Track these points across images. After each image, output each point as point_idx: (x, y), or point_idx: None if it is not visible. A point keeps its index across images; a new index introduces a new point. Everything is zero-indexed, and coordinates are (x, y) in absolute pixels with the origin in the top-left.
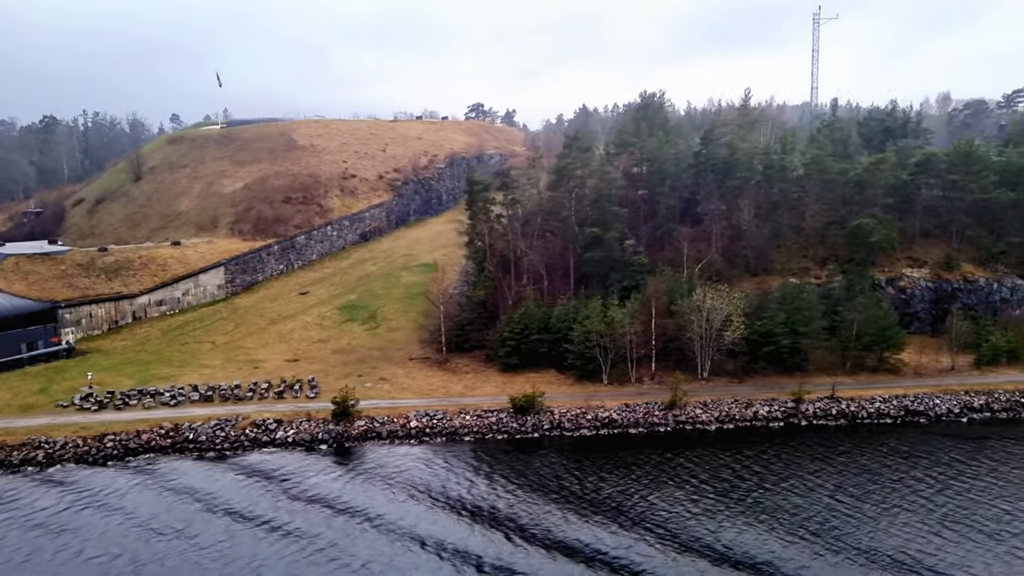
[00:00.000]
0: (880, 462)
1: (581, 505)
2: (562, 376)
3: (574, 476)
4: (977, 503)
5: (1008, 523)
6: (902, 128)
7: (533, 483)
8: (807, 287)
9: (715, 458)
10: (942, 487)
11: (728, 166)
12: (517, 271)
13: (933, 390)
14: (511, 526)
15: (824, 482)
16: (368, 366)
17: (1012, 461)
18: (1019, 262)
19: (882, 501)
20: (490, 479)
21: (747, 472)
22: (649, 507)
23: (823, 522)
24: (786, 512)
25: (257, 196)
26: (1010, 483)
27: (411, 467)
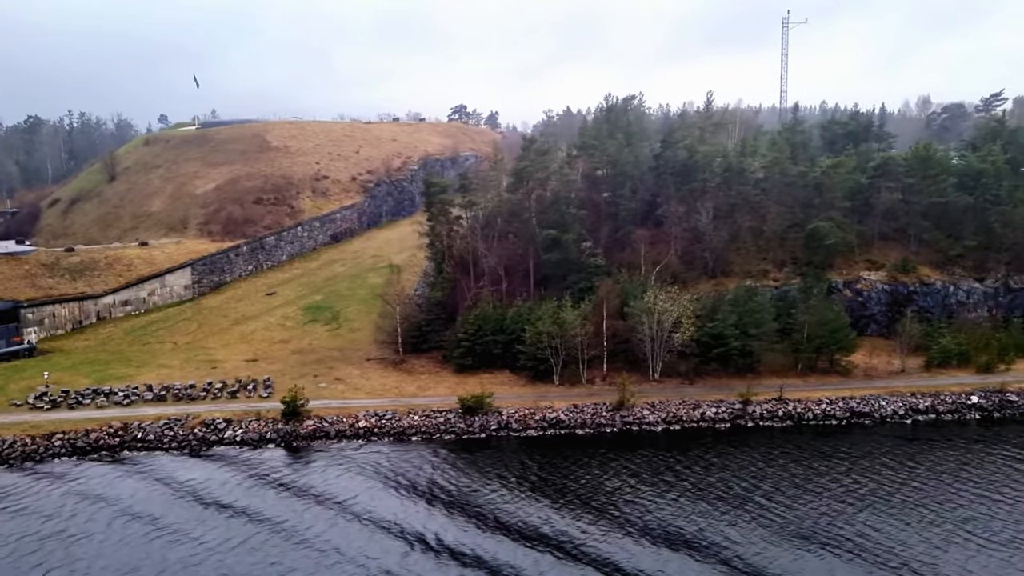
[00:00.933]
0: (820, 463)
1: (514, 503)
2: (515, 377)
3: (513, 475)
4: (903, 504)
5: (922, 523)
6: (865, 132)
7: (470, 482)
8: (760, 290)
9: (656, 459)
10: (875, 486)
11: (688, 169)
12: (476, 272)
13: (880, 392)
14: (440, 523)
15: (759, 484)
16: (326, 366)
17: (946, 463)
18: (976, 265)
19: (812, 501)
20: (428, 478)
21: (686, 472)
22: (582, 505)
23: (745, 523)
24: (713, 513)
25: (228, 197)
26: (941, 484)
27: (353, 466)
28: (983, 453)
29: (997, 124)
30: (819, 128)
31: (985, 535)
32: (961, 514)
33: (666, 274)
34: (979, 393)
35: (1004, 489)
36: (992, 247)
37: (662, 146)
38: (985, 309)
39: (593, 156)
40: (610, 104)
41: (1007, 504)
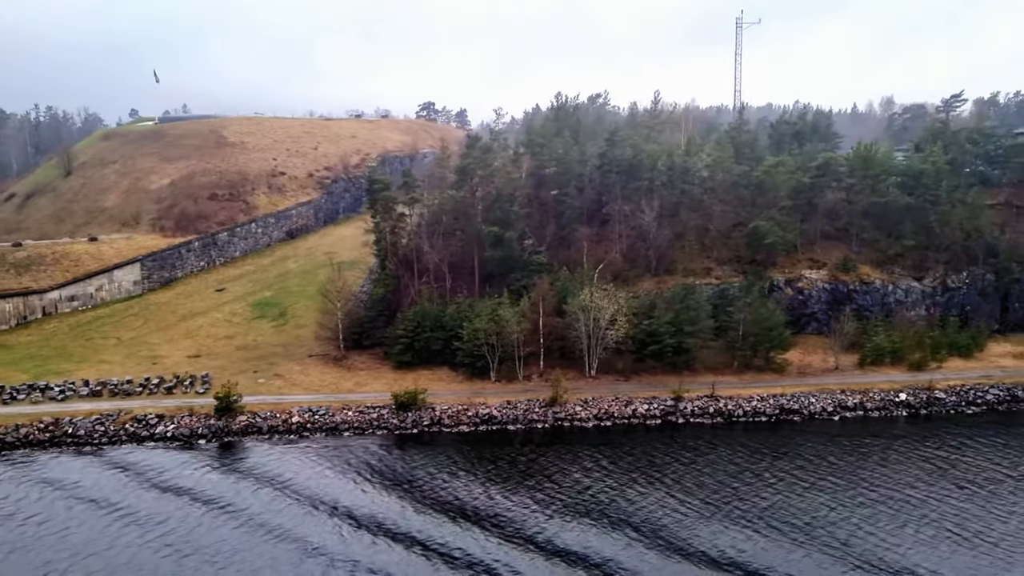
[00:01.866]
0: (743, 459)
1: (425, 497)
2: (453, 373)
3: (434, 470)
4: (814, 500)
5: (826, 520)
6: (812, 131)
7: (391, 478)
8: (697, 288)
9: (582, 454)
10: (792, 483)
11: (632, 168)
12: (419, 270)
13: (811, 389)
14: (356, 517)
15: (676, 481)
16: (267, 362)
17: (869, 460)
18: (915, 264)
19: (725, 498)
20: (349, 474)
21: (604, 468)
22: (492, 500)
23: (658, 518)
24: (623, 508)
25: (183, 192)
26: (852, 480)
27: (279, 460)
28: (897, 450)
29: (941, 125)
30: (768, 128)
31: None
32: (860, 512)
33: (609, 272)
34: (908, 391)
35: (904, 486)
36: (931, 247)
37: (607, 145)
38: (923, 308)
39: (540, 155)
40: (560, 103)
41: (894, 499)
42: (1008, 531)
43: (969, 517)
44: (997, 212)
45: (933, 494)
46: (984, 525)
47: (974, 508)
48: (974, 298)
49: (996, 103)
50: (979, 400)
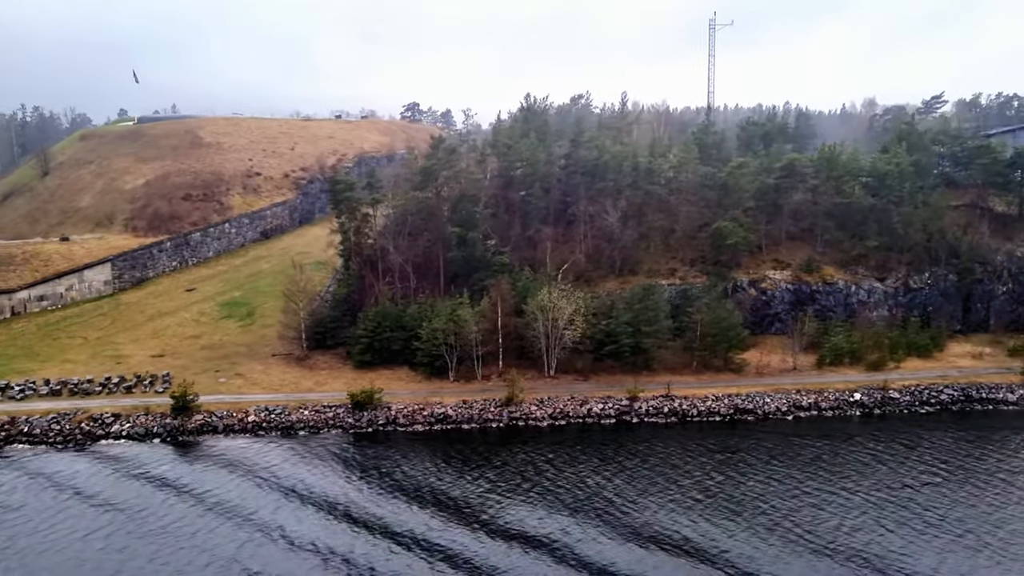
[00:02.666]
0: (690, 457)
1: (370, 493)
2: (413, 373)
3: (384, 467)
4: (760, 496)
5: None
6: (780, 133)
7: (340, 474)
8: (656, 288)
9: (533, 453)
10: (740, 480)
11: (597, 169)
12: (383, 270)
13: (767, 389)
14: (289, 513)
15: (611, 478)
16: (230, 362)
17: (821, 459)
18: (878, 265)
19: (661, 492)
20: (303, 470)
21: (553, 466)
22: (435, 494)
23: (595, 507)
24: (564, 502)
25: (157, 193)
26: (791, 476)
27: (230, 459)
28: (840, 449)
29: (907, 126)
30: (737, 129)
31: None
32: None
33: (573, 272)
34: (862, 391)
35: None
36: (894, 248)
37: (571, 146)
38: (885, 309)
39: (506, 156)
40: (529, 104)
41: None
42: (937, 528)
43: (900, 512)
44: (961, 213)
45: (864, 489)
46: (907, 520)
47: (906, 504)
48: (936, 299)
49: (978, 104)
50: (933, 400)
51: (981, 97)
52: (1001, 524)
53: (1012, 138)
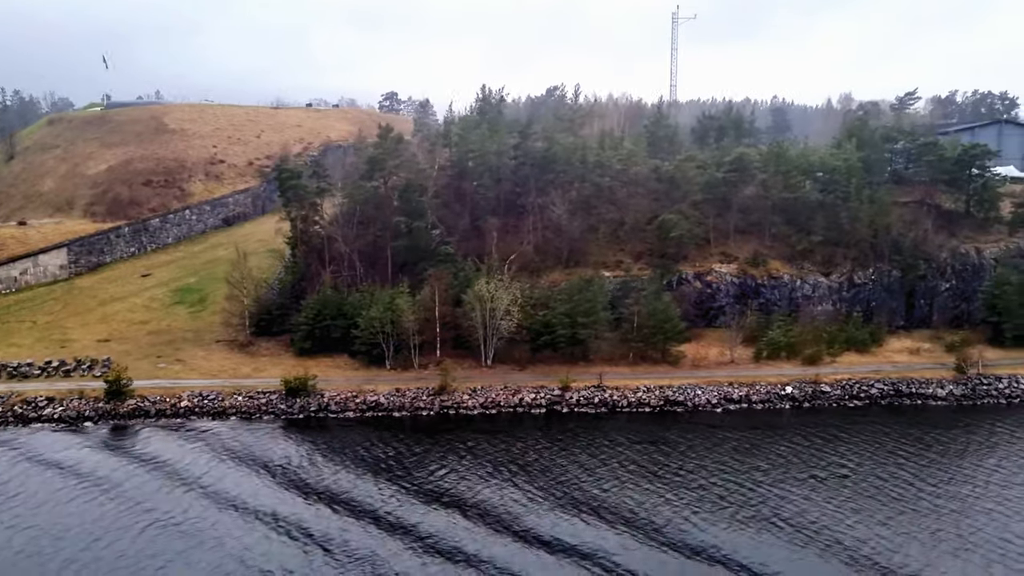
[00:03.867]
0: (606, 447)
1: (286, 478)
2: (352, 361)
3: (305, 452)
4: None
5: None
6: (735, 127)
7: (261, 458)
8: (595, 280)
9: (455, 441)
10: (655, 472)
11: (546, 160)
12: (329, 258)
13: (700, 381)
14: (214, 495)
15: (524, 467)
16: (174, 347)
17: (737, 450)
18: (824, 260)
19: (564, 481)
20: (226, 455)
21: (472, 454)
22: (349, 480)
23: (497, 498)
24: (452, 491)
25: (119, 178)
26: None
27: (157, 443)
28: (754, 440)
29: (858, 122)
30: (694, 122)
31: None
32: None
33: (520, 263)
34: (794, 384)
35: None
36: (841, 243)
37: (520, 137)
38: (830, 303)
39: (459, 146)
40: (485, 94)
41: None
42: (826, 523)
43: (792, 505)
44: (910, 210)
45: (766, 483)
46: (799, 511)
47: (800, 496)
48: (880, 294)
49: (953, 101)
50: (863, 394)
51: (957, 94)
52: (856, 524)
53: (971, 135)
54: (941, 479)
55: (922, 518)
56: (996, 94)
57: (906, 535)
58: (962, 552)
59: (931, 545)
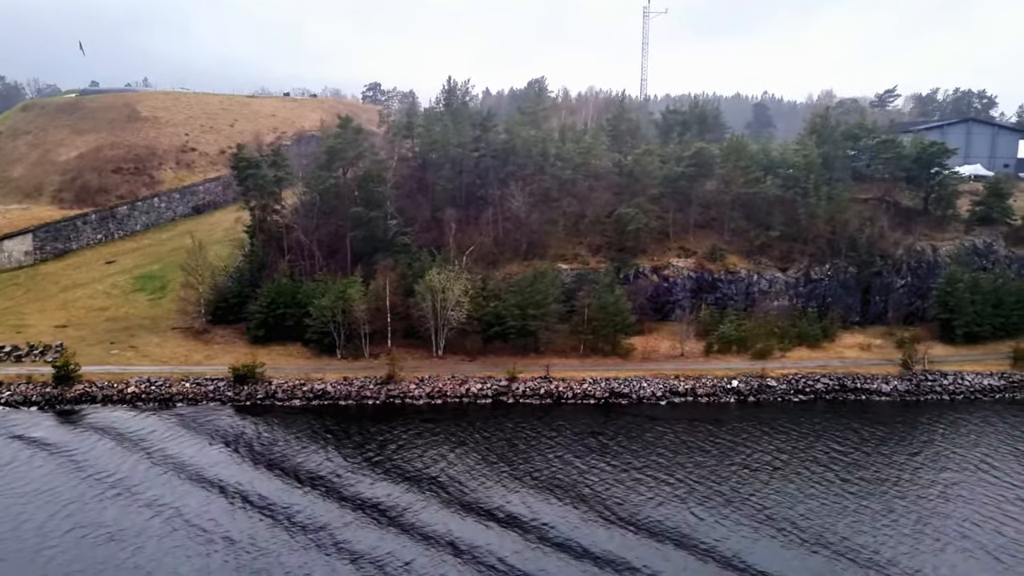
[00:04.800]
0: (538, 438)
1: (230, 463)
2: (305, 350)
3: (247, 438)
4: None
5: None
6: (700, 122)
7: (203, 442)
8: (547, 272)
9: (394, 428)
10: (590, 457)
11: (506, 153)
12: (288, 247)
13: (647, 374)
14: (151, 477)
15: (461, 453)
16: (129, 334)
17: (676, 442)
18: (782, 256)
19: (497, 467)
20: (166, 440)
21: (411, 441)
22: (295, 464)
23: (439, 479)
24: (405, 475)
25: (89, 165)
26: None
27: (101, 427)
28: (692, 432)
29: (819, 119)
30: (659, 116)
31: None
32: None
33: (478, 255)
34: (741, 378)
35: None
36: (798, 239)
37: (480, 130)
38: (786, 299)
39: (424, 138)
40: (451, 86)
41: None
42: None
43: (721, 493)
44: (869, 207)
45: (693, 469)
46: (727, 499)
47: (730, 485)
48: (836, 290)
49: (934, 99)
50: (808, 389)
51: (938, 93)
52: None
53: (940, 133)
54: (868, 472)
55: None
56: (975, 92)
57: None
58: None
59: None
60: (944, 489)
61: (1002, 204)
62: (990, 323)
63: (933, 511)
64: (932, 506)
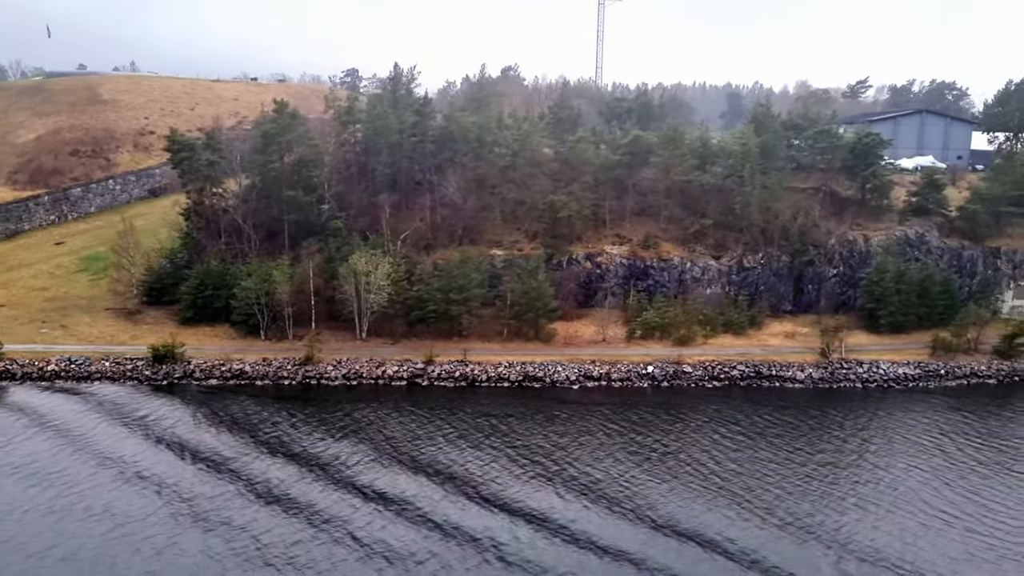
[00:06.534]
0: (447, 419)
1: (136, 439)
2: (232, 331)
3: (154, 414)
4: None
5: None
6: (645, 110)
7: (109, 420)
8: (472, 258)
9: (305, 409)
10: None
11: (442, 139)
12: (226, 230)
13: (564, 359)
14: (58, 452)
15: (350, 435)
16: (63, 314)
17: (575, 422)
18: (717, 244)
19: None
20: (77, 415)
21: (317, 417)
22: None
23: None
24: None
25: (46, 148)
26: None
27: (10, 403)
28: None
29: (761, 108)
30: (604, 105)
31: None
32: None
33: (414, 240)
34: (656, 364)
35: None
36: (733, 228)
37: (417, 116)
38: (719, 286)
39: (359, 123)
40: (396, 73)
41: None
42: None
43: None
44: (807, 196)
45: (571, 456)
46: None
47: (600, 470)
48: (769, 278)
49: (909, 91)
50: (723, 376)
51: (914, 84)
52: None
53: (894, 124)
54: (754, 454)
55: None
56: (948, 83)
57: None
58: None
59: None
60: (809, 471)
61: (937, 195)
62: (915, 313)
63: (779, 497)
64: (779, 493)
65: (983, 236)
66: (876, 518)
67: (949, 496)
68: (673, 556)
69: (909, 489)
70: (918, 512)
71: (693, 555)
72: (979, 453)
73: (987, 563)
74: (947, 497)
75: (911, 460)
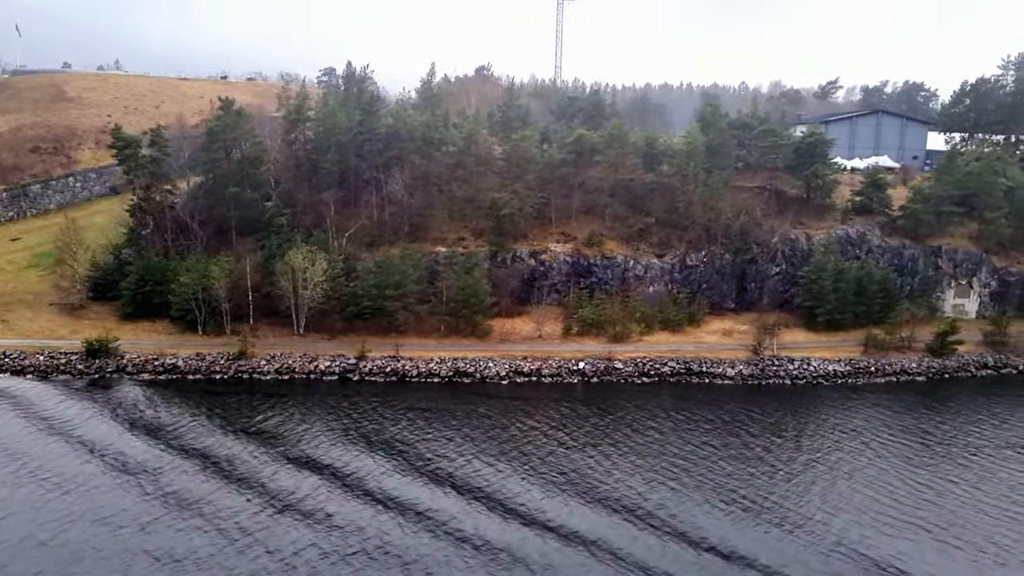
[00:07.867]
0: (381, 414)
1: (58, 432)
2: (171, 326)
3: (79, 408)
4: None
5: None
6: (595, 109)
7: (29, 413)
8: (410, 254)
9: (227, 403)
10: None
11: (388, 137)
12: (172, 226)
13: (496, 354)
14: None
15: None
16: (7, 308)
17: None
18: (661, 242)
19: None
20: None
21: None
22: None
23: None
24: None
25: (7, 144)
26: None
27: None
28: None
29: (710, 107)
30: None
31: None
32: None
33: (360, 237)
34: (587, 360)
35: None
36: (677, 226)
37: (363, 114)
38: (662, 284)
39: (308, 121)
40: (349, 71)
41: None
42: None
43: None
44: (752, 195)
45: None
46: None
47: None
48: (712, 276)
49: (882, 92)
50: (653, 372)
51: (887, 85)
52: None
53: (851, 125)
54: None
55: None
56: (918, 84)
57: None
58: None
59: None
60: (714, 463)
61: (881, 195)
62: (852, 311)
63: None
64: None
65: (925, 235)
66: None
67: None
68: (540, 546)
69: (809, 481)
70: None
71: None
72: (904, 448)
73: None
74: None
75: (821, 455)
